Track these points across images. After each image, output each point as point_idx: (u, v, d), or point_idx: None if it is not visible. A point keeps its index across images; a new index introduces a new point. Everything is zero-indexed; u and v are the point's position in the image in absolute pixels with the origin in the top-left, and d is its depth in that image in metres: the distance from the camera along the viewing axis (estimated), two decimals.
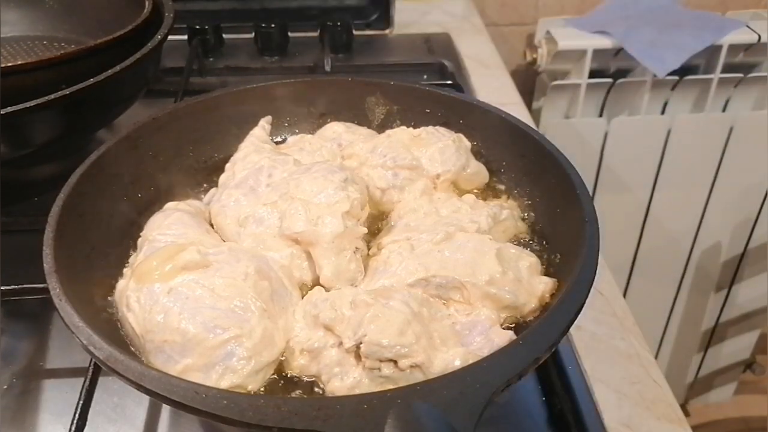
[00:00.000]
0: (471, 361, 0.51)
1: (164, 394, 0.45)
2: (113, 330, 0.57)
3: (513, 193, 0.73)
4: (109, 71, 0.81)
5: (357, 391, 0.52)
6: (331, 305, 0.56)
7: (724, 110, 1.63)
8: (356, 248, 0.64)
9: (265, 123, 0.80)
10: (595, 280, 0.54)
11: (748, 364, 2.15)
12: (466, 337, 0.56)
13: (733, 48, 1.52)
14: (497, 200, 0.73)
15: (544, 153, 0.67)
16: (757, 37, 1.50)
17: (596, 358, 0.74)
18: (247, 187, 0.69)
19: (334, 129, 0.79)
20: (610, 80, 1.57)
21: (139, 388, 0.46)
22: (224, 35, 1.31)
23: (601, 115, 1.62)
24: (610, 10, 1.60)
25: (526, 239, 0.68)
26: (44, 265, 0.55)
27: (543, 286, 0.60)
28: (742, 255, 1.85)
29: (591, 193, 0.63)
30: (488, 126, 0.75)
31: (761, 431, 2.13)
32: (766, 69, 1.59)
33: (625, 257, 1.81)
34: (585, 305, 0.52)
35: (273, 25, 1.29)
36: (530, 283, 0.60)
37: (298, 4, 1.38)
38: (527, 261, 0.62)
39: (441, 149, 0.72)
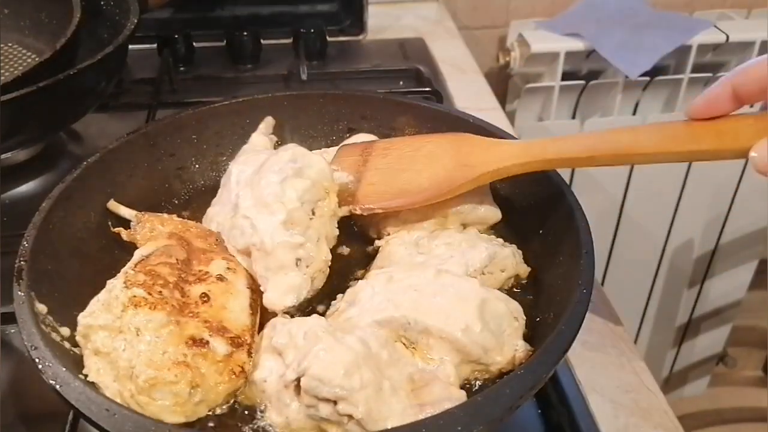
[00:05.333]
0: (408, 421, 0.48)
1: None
2: None
3: (527, 235, 0.69)
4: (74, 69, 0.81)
5: (293, 426, 0.51)
6: (288, 331, 0.54)
7: None
8: (298, 259, 0.60)
9: (263, 126, 0.78)
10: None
11: (721, 357, 2.18)
12: (421, 389, 0.53)
13: (702, 48, 1.54)
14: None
15: (562, 201, 0.64)
16: (725, 36, 1.52)
17: (589, 367, 0.73)
18: (222, 199, 0.68)
19: (359, 140, 0.77)
20: (582, 82, 1.57)
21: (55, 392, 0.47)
22: (195, 44, 1.29)
23: (574, 117, 1.63)
24: (581, 12, 1.61)
25: (527, 284, 0.65)
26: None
27: (519, 352, 0.56)
28: (714, 251, 1.87)
29: None
30: None
31: (735, 422, 2.16)
32: (734, 67, 1.61)
33: (600, 256, 1.82)
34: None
35: (245, 33, 1.27)
36: (507, 345, 0.56)
37: (270, 11, 1.36)
38: (512, 324, 0.57)
39: None
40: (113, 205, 0.68)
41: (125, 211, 0.68)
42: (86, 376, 0.52)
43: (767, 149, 0.52)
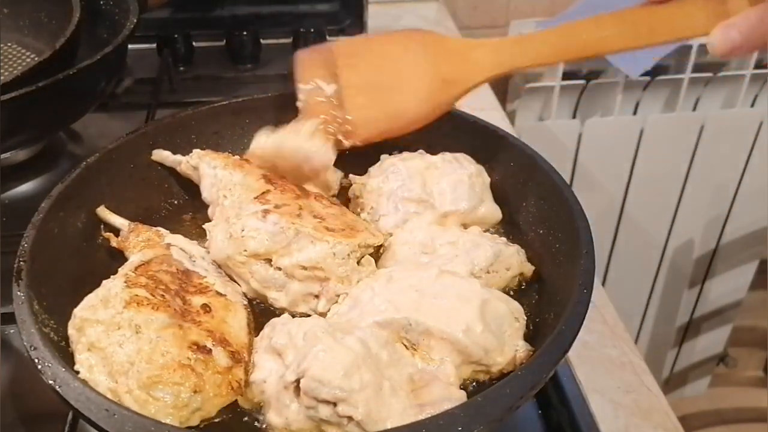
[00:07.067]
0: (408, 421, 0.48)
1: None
2: None
3: (527, 235, 0.69)
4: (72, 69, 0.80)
5: (293, 428, 0.51)
6: (288, 332, 0.54)
7: (694, 109, 1.65)
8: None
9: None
10: None
11: (721, 358, 2.19)
12: (421, 390, 0.53)
13: (703, 48, 1.54)
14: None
15: (562, 201, 0.64)
16: None
17: (590, 368, 0.73)
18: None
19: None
20: (583, 82, 1.57)
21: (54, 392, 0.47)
22: (195, 43, 1.29)
23: (574, 117, 1.63)
24: (581, 12, 1.60)
25: (528, 284, 0.65)
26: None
27: (519, 353, 0.56)
28: (714, 251, 1.87)
29: None
30: (514, 162, 0.72)
31: (735, 423, 2.16)
32: (735, 68, 1.61)
33: (600, 256, 1.81)
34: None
35: (245, 33, 1.27)
36: (508, 346, 0.56)
37: (270, 11, 1.35)
38: (513, 324, 0.57)
39: (454, 184, 0.68)
40: (103, 211, 0.67)
41: (115, 219, 0.67)
42: (78, 372, 0.52)
43: (721, 35, 0.55)
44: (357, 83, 0.66)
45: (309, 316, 0.60)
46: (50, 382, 0.47)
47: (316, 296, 0.61)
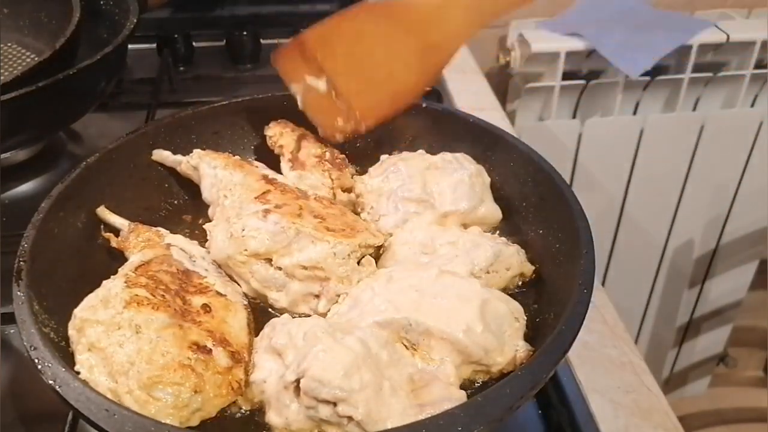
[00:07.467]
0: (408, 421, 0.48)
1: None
2: None
3: (527, 235, 0.69)
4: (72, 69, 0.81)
5: (293, 428, 0.51)
6: (288, 332, 0.54)
7: (694, 109, 1.65)
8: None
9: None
10: None
11: (721, 358, 2.18)
12: (421, 390, 0.53)
13: (703, 48, 1.54)
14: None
15: (562, 201, 0.64)
16: (725, 36, 1.52)
17: (590, 368, 0.73)
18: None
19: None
20: (583, 82, 1.57)
21: (54, 392, 0.47)
22: (194, 43, 1.29)
23: (574, 117, 1.63)
24: (582, 12, 1.61)
25: (528, 284, 0.65)
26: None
27: (520, 353, 0.56)
28: (714, 251, 1.87)
29: None
30: (514, 162, 0.72)
31: (735, 423, 2.16)
32: (735, 68, 1.61)
33: (600, 256, 1.82)
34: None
35: (245, 33, 1.27)
36: (508, 346, 0.56)
37: (270, 11, 1.36)
38: (513, 324, 0.57)
39: (455, 184, 0.68)
40: (103, 211, 0.68)
41: (115, 219, 0.68)
42: (78, 372, 0.52)
43: None
44: (344, 69, 0.67)
45: (309, 316, 0.60)
46: (50, 382, 0.47)
47: (317, 296, 0.61)
